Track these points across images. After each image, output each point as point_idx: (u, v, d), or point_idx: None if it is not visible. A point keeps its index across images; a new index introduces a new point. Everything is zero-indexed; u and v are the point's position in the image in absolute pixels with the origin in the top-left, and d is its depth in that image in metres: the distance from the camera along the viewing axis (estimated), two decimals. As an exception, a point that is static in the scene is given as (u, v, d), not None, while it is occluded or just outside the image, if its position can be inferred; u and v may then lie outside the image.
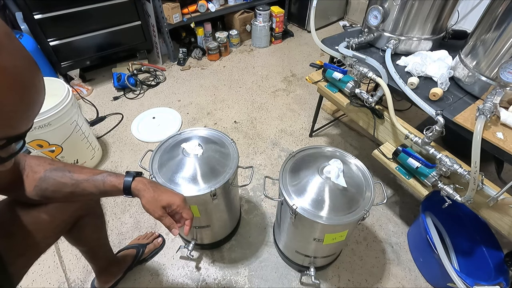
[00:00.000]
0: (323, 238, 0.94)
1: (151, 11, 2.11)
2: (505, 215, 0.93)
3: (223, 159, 1.00)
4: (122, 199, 1.44)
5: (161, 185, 0.72)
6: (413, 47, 1.25)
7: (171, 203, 0.68)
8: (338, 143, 1.78)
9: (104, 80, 2.23)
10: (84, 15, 1.84)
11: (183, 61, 2.43)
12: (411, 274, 1.22)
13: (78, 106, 1.42)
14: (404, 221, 1.40)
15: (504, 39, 0.91)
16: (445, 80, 1.09)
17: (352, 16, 3.13)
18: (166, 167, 0.96)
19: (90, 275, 1.16)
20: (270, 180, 1.53)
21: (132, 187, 0.67)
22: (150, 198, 0.67)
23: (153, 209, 0.67)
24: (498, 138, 0.90)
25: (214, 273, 1.20)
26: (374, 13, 1.22)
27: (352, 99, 1.26)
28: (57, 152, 1.39)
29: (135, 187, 0.67)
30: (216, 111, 1.99)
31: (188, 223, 0.71)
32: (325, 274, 1.21)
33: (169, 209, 0.69)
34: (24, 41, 1.69)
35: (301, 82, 2.27)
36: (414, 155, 1.05)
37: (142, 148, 1.72)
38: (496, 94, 0.91)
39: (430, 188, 1.05)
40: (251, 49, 2.69)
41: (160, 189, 0.70)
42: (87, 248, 0.95)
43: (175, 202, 0.69)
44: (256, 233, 1.33)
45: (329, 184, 0.89)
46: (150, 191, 0.68)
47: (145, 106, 2.02)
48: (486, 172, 0.99)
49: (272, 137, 1.80)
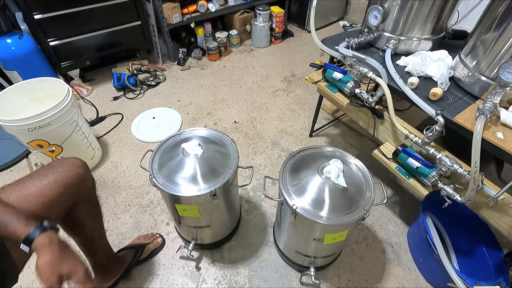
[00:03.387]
0: (323, 238, 0.94)
1: (151, 11, 2.11)
2: (505, 215, 0.93)
3: (223, 159, 1.00)
4: (122, 199, 1.44)
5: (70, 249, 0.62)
6: (413, 47, 1.25)
7: (71, 274, 0.59)
8: (338, 143, 1.78)
9: (104, 80, 2.23)
10: (84, 15, 1.84)
11: (183, 61, 2.43)
12: (411, 274, 1.22)
13: (78, 106, 1.42)
14: (404, 221, 1.40)
15: (504, 39, 0.90)
16: (445, 80, 1.09)
17: (352, 16, 3.13)
18: (166, 167, 0.96)
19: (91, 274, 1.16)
20: (270, 180, 1.53)
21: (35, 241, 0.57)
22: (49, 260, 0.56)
23: (48, 275, 0.56)
24: (498, 138, 0.90)
25: (214, 273, 1.20)
26: (374, 13, 1.22)
27: (352, 99, 1.26)
28: (57, 152, 1.39)
29: (40, 241, 0.57)
30: (216, 111, 1.99)
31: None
32: (325, 274, 1.21)
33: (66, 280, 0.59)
34: (24, 41, 1.69)
35: (301, 82, 2.27)
36: (414, 155, 1.05)
37: (142, 148, 1.72)
38: (496, 94, 0.91)
39: (430, 188, 1.05)
40: (251, 49, 2.69)
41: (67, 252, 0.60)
42: (83, 239, 0.94)
43: (76, 274, 0.59)
44: (256, 233, 1.33)
45: (329, 184, 0.89)
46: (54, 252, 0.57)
47: (145, 106, 2.02)
48: (486, 172, 0.99)
49: (272, 137, 1.80)
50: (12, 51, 1.66)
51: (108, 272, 1.09)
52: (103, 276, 1.08)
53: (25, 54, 1.70)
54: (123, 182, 1.53)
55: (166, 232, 1.32)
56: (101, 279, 1.08)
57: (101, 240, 1.01)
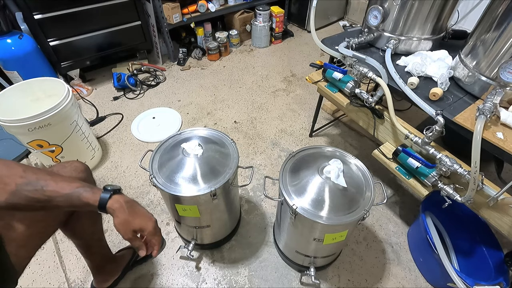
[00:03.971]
0: (323, 238, 0.94)
1: (151, 11, 2.11)
2: (505, 215, 0.93)
3: (223, 159, 1.00)
4: (122, 199, 1.44)
5: (138, 206, 0.70)
6: (413, 47, 1.25)
7: (143, 229, 0.68)
8: (338, 143, 1.78)
9: (104, 80, 2.23)
10: (84, 15, 1.84)
11: (183, 61, 2.43)
12: (411, 274, 1.22)
13: (78, 106, 1.42)
14: (404, 221, 1.40)
15: (504, 39, 0.90)
16: (445, 80, 1.09)
17: (352, 16, 3.13)
18: (166, 167, 0.96)
19: (90, 275, 1.16)
20: (270, 180, 1.53)
21: (107, 206, 0.65)
22: (122, 220, 0.65)
23: (124, 231, 0.66)
24: (498, 138, 0.90)
25: (214, 273, 1.20)
26: (374, 13, 1.22)
27: (352, 99, 1.26)
28: (57, 152, 1.39)
29: (111, 206, 0.65)
30: (216, 111, 1.99)
31: (156, 248, 0.71)
32: (325, 274, 1.21)
33: (140, 233, 0.69)
34: (24, 41, 1.69)
35: (301, 82, 2.27)
36: (414, 155, 1.05)
37: (142, 148, 1.72)
38: (496, 94, 0.91)
39: (430, 188, 1.05)
40: (251, 49, 2.69)
41: (135, 211, 0.68)
42: (82, 242, 0.95)
43: (146, 229, 0.68)
44: (256, 233, 1.33)
45: (329, 184, 0.89)
46: (125, 212, 0.66)
47: (145, 106, 2.02)
48: (486, 172, 0.99)
49: (272, 137, 1.80)
50: (12, 51, 1.66)
51: (107, 273, 1.09)
52: (102, 276, 1.08)
53: (25, 54, 1.70)
54: (123, 182, 1.53)
55: (166, 232, 1.32)
56: (99, 279, 1.08)
57: (100, 241, 1.02)
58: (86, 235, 0.93)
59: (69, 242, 1.26)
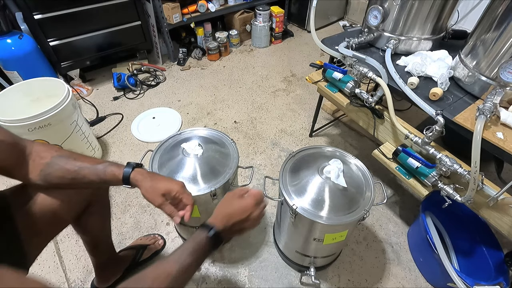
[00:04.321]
0: (323, 238, 0.94)
1: (151, 11, 2.11)
2: (505, 215, 0.93)
3: (223, 159, 1.00)
4: (122, 199, 1.44)
5: (159, 175, 0.74)
6: (413, 47, 1.25)
7: (170, 190, 0.69)
8: (338, 143, 1.78)
9: (104, 80, 2.23)
10: (84, 15, 1.84)
11: (183, 61, 2.43)
12: (411, 274, 1.22)
13: (78, 106, 1.42)
14: (404, 221, 1.40)
15: (504, 39, 0.90)
16: (445, 80, 1.09)
17: (352, 16, 3.13)
18: (166, 167, 0.96)
19: (90, 275, 1.16)
20: (270, 180, 1.53)
21: (131, 177, 0.69)
22: (148, 187, 0.69)
23: (152, 198, 0.68)
24: (498, 138, 0.90)
25: (214, 273, 1.20)
26: (374, 13, 1.22)
27: (352, 99, 1.26)
28: (57, 152, 1.39)
29: (134, 177, 0.69)
30: (216, 111, 1.99)
31: (189, 209, 0.72)
32: (325, 274, 1.21)
33: (168, 196, 0.70)
34: (24, 41, 1.69)
35: (301, 82, 2.27)
36: (414, 155, 1.05)
37: (142, 148, 1.72)
38: (496, 94, 0.91)
39: (430, 188, 1.05)
40: (251, 49, 2.69)
41: (158, 178, 0.71)
42: (91, 238, 0.96)
43: (173, 189, 0.70)
44: (256, 233, 1.33)
45: (329, 184, 0.89)
46: (148, 180, 0.69)
47: (145, 106, 2.02)
48: (486, 172, 0.99)
49: (272, 137, 1.80)
50: (12, 51, 1.66)
51: (109, 272, 1.09)
52: (104, 275, 1.09)
53: (25, 54, 1.70)
54: (123, 182, 1.53)
55: (166, 232, 1.32)
56: (101, 278, 1.09)
57: (107, 238, 1.03)
58: (96, 231, 0.94)
59: (69, 242, 1.27)
